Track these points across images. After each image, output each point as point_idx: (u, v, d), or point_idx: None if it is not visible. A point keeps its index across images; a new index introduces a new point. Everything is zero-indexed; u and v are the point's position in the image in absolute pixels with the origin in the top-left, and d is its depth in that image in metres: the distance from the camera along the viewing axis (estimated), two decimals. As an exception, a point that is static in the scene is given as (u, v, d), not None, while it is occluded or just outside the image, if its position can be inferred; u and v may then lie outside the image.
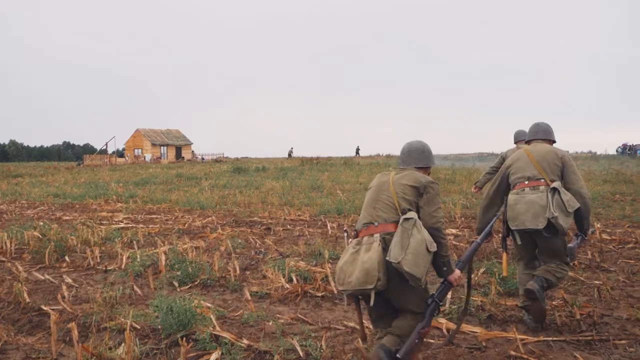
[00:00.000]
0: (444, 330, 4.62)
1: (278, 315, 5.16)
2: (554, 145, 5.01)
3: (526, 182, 4.61)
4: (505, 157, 7.77)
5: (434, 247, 3.34)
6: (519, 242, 4.71)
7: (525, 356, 4.07)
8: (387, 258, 3.28)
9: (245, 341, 4.42)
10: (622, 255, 7.48)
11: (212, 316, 4.77)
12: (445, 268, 3.53)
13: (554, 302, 5.27)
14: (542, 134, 5.01)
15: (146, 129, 66.68)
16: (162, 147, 66.15)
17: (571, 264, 4.89)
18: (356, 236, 3.58)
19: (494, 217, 4.67)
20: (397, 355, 3.32)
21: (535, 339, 4.41)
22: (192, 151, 69.64)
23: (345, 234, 3.74)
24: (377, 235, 3.42)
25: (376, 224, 3.49)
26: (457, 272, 3.60)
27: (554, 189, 4.41)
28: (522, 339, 4.31)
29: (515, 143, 8.07)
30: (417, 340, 3.40)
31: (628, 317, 4.93)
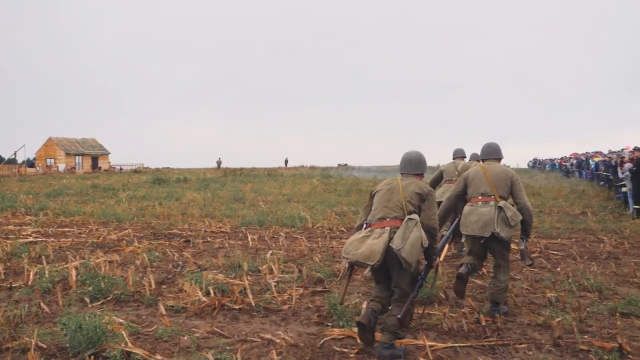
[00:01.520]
0: (358, 339, 4.71)
1: (194, 330, 5.11)
2: (501, 161, 5.98)
3: (480, 197, 5.53)
4: (443, 170, 9.01)
5: (426, 244, 4.29)
6: (471, 244, 5.64)
7: (434, 362, 4.24)
8: (390, 244, 4.21)
9: (158, 357, 4.35)
10: (527, 264, 7.88)
11: (123, 332, 4.66)
12: (434, 256, 4.57)
13: (462, 310, 5.50)
14: (494, 153, 5.89)
15: (60, 137, 63.98)
16: (77, 157, 63.64)
17: (527, 264, 5.86)
18: (367, 227, 4.51)
19: (456, 218, 5.77)
20: (398, 316, 4.33)
21: (444, 345, 4.59)
22: (109, 162, 67.47)
23: (365, 225, 4.60)
24: (387, 228, 4.34)
25: (388, 219, 4.40)
26: (438, 259, 4.69)
27: (500, 208, 5.34)
28: (431, 346, 4.47)
29: (453, 159, 9.23)
30: (410, 306, 4.39)
31: (529, 323, 5.23)
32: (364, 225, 4.58)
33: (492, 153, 5.90)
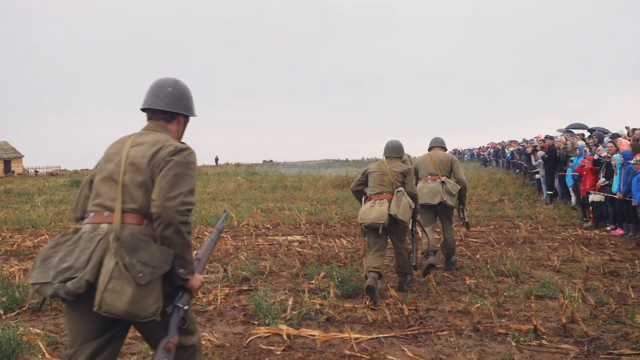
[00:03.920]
0: (284, 336, 4.71)
1: (116, 336, 4.94)
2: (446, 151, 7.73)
3: (429, 176, 7.16)
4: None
5: (413, 206, 5.97)
6: (423, 213, 7.06)
7: (359, 354, 4.30)
8: (388, 211, 5.74)
9: (77, 367, 4.19)
10: (467, 229, 8.13)
11: (40, 343, 4.47)
12: (417, 214, 6.40)
13: (386, 301, 5.61)
14: (439, 143, 7.63)
15: (-32, 141, 60.44)
16: (-13, 161, 60.23)
17: (470, 229, 8.09)
18: (368, 199, 6.09)
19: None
20: (413, 264, 6.29)
21: (368, 337, 4.67)
22: (23, 165, 64.28)
23: (363, 198, 6.27)
24: (385, 199, 5.90)
25: (385, 193, 5.97)
26: (418, 215, 6.56)
27: (443, 182, 7.00)
28: (356, 338, 4.54)
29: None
30: (416, 254, 6.37)
31: (450, 310, 5.40)
32: (364, 199, 6.22)
33: (436, 143, 7.61)
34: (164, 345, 2.52)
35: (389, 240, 6.16)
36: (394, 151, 6.38)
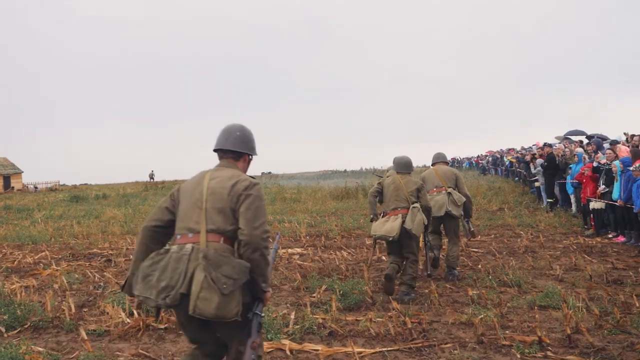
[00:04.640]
0: (287, 351, 4.69)
1: (118, 353, 4.93)
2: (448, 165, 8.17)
3: (435, 189, 7.49)
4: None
5: (426, 222, 6.46)
6: (431, 224, 7.15)
7: (363, 369, 4.27)
8: (403, 225, 6.21)
9: (80, 386, 4.16)
10: (470, 238, 8.11)
11: (42, 362, 4.44)
12: (428, 226, 6.80)
13: (388, 314, 5.58)
14: (442, 158, 8.01)
15: (-33, 157, 60.38)
16: (-13, 177, 60.11)
17: (470, 238, 8.12)
18: (384, 215, 6.54)
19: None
20: (428, 272, 6.95)
21: (372, 350, 4.64)
22: (22, 181, 64.17)
23: (382, 214, 6.62)
24: (400, 214, 6.33)
25: (399, 208, 6.41)
26: (430, 226, 6.97)
27: (449, 193, 7.34)
28: (359, 352, 4.51)
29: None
30: (430, 260, 7.06)
31: (453, 322, 5.37)
32: (383, 214, 6.59)
33: (440, 158, 7.99)
34: (250, 344, 3.06)
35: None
36: (405, 167, 6.77)
